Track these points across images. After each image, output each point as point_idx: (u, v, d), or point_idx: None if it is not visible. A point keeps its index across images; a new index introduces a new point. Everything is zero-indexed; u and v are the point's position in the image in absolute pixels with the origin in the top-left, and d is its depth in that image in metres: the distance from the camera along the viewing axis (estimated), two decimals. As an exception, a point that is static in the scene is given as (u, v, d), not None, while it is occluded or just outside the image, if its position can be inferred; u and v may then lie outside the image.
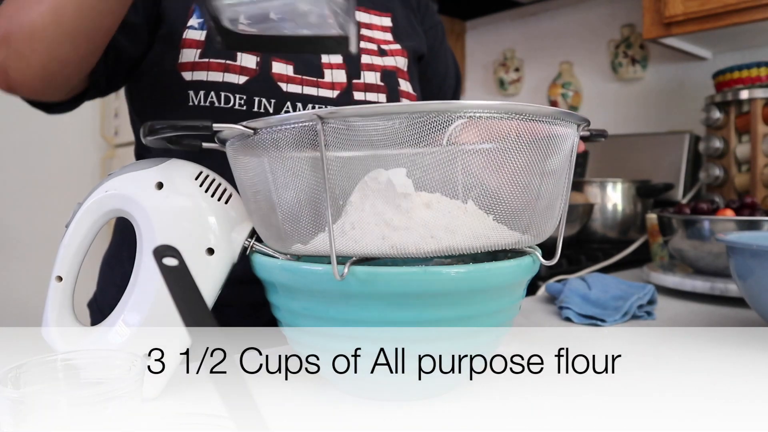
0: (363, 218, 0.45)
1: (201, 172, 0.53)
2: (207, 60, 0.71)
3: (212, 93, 0.70)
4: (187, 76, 0.70)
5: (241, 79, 0.71)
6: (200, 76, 0.70)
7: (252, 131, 0.46)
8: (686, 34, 1.29)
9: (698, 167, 1.43)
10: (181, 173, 0.52)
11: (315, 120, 0.43)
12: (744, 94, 1.23)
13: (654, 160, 1.49)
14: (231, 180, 0.54)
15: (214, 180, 0.53)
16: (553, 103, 1.83)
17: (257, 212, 0.50)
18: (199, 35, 0.71)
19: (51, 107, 0.69)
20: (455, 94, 0.99)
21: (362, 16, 0.82)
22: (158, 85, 0.70)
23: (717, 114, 1.26)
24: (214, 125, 0.47)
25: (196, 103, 0.70)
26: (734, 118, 1.25)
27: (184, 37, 0.71)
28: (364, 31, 0.81)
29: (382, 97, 0.79)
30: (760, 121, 1.22)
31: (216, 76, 0.70)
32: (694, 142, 1.45)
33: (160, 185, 0.51)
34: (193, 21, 0.72)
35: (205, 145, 0.52)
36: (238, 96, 0.71)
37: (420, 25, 0.91)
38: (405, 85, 0.83)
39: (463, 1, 1.91)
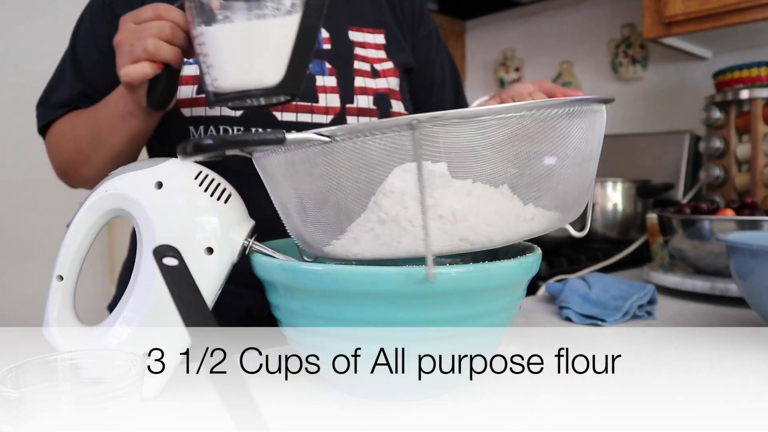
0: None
1: (200, 172, 0.53)
2: (203, 95, 0.73)
3: (211, 127, 0.74)
4: (186, 112, 0.74)
5: (238, 112, 0.74)
6: (199, 111, 0.74)
7: (328, 138, 0.44)
8: (686, 34, 1.29)
9: (698, 167, 1.43)
10: (181, 173, 0.52)
11: (410, 126, 0.42)
12: (744, 94, 1.23)
13: (654, 160, 1.49)
14: (232, 179, 0.55)
15: (213, 180, 0.53)
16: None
17: (319, 220, 0.49)
18: (194, 70, 0.73)
19: None
20: (458, 101, 0.98)
21: (356, 35, 0.82)
22: (160, 122, 0.71)
23: (717, 114, 1.26)
24: (288, 136, 0.45)
25: (197, 137, 0.72)
26: (734, 117, 1.25)
27: (181, 74, 0.72)
28: (358, 50, 0.81)
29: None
30: (760, 121, 1.22)
31: (214, 111, 0.74)
32: (694, 142, 1.45)
33: (159, 185, 0.51)
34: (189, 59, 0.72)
35: (229, 152, 0.52)
36: (236, 128, 0.74)
37: (414, 35, 0.91)
38: (397, 106, 0.83)
39: (463, 1, 1.91)
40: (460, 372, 0.52)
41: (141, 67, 0.56)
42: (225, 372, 0.31)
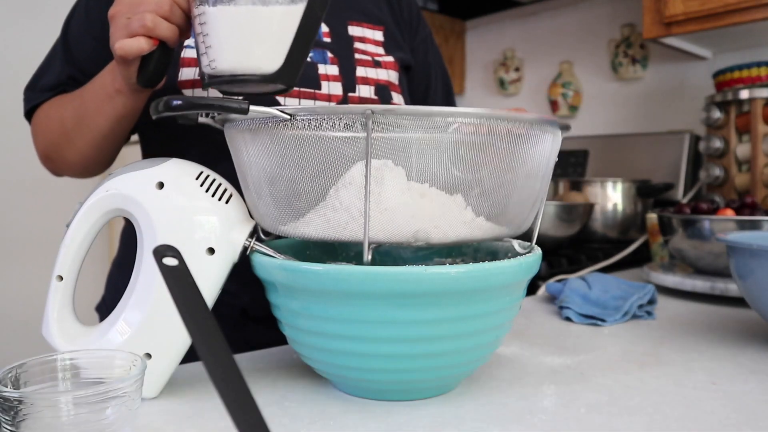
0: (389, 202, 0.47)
1: (201, 172, 0.53)
2: None
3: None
4: (188, 93, 0.72)
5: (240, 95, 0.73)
6: (201, 93, 0.72)
7: (289, 117, 0.47)
8: (686, 34, 1.29)
9: (698, 167, 1.43)
10: (182, 173, 0.52)
11: (367, 115, 0.44)
12: (744, 94, 1.23)
13: (654, 160, 1.49)
14: (223, 170, 0.55)
15: (214, 180, 0.53)
16: (554, 103, 1.83)
17: (269, 193, 0.51)
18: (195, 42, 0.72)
19: None
20: (447, 101, 0.99)
21: (355, 30, 0.83)
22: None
23: (717, 114, 1.26)
24: (251, 107, 0.47)
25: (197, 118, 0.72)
26: (734, 117, 1.25)
27: (182, 56, 0.72)
28: (358, 44, 0.81)
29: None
30: (760, 121, 1.22)
31: (216, 93, 0.72)
32: (694, 142, 1.45)
33: (161, 185, 0.51)
34: (190, 40, 0.72)
35: (201, 120, 0.53)
36: None
37: (412, 39, 0.92)
38: (397, 98, 0.84)
39: (463, 1, 1.91)
40: (460, 372, 0.52)
41: (137, 42, 0.55)
42: (225, 372, 0.31)
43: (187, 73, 0.72)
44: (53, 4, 1.66)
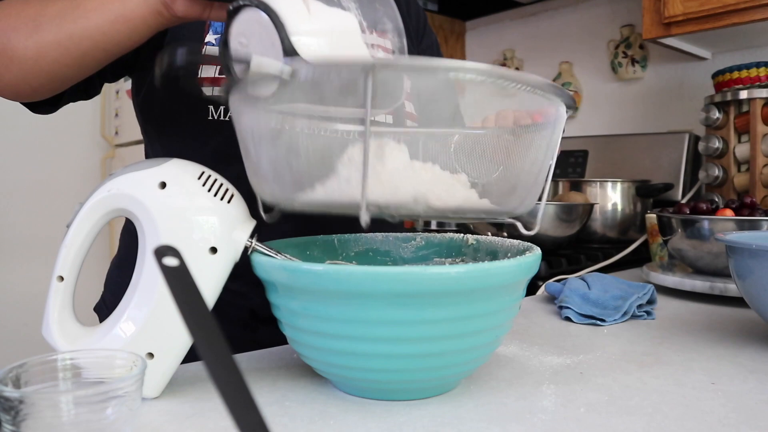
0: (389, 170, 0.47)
1: (203, 172, 0.53)
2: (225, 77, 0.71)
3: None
4: (208, 90, 0.71)
5: None
6: (219, 90, 0.71)
7: (289, 69, 0.45)
8: (686, 34, 1.29)
9: (698, 167, 1.43)
10: (184, 173, 0.52)
11: (368, 68, 0.43)
12: (743, 94, 1.23)
13: (654, 160, 1.49)
14: (226, 173, 0.55)
15: (216, 180, 0.53)
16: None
17: (272, 160, 0.51)
18: (218, 51, 0.72)
19: (34, 106, 0.68)
20: None
21: (368, 38, 0.83)
22: (176, 99, 0.70)
23: (716, 114, 1.26)
24: (254, 60, 0.46)
25: (215, 117, 0.71)
26: (734, 118, 1.25)
27: (204, 53, 0.71)
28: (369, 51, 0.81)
29: (389, 117, 0.79)
30: (759, 121, 1.22)
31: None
32: (693, 142, 1.46)
33: (163, 185, 0.51)
34: (210, 37, 0.72)
35: (206, 93, 0.52)
36: None
37: (419, 45, 0.92)
38: (409, 106, 0.84)
39: (463, 1, 1.91)
40: (460, 372, 0.52)
41: None
42: (225, 372, 0.31)
43: (207, 71, 0.71)
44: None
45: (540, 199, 0.54)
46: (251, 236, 0.53)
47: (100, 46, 0.58)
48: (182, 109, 0.73)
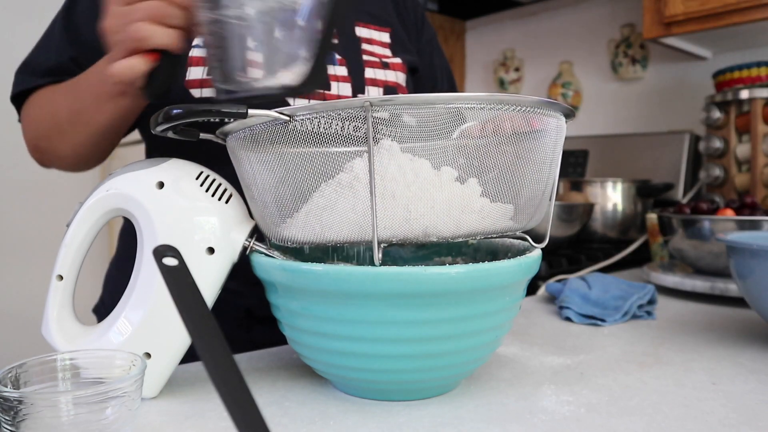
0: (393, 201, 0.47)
1: (202, 172, 0.53)
2: None
3: None
4: (196, 93, 0.70)
5: None
6: (209, 92, 0.71)
7: (288, 117, 0.46)
8: (686, 34, 1.29)
9: (698, 167, 1.43)
10: (182, 173, 0.52)
11: (366, 108, 0.43)
12: (744, 94, 1.23)
13: (654, 160, 1.49)
14: (225, 173, 0.55)
15: (214, 180, 0.53)
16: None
17: (277, 206, 0.50)
18: (205, 53, 0.71)
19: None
20: None
21: (362, 31, 0.83)
22: (167, 102, 0.70)
23: (717, 114, 1.26)
24: (250, 111, 0.45)
25: (205, 119, 0.70)
26: (734, 117, 1.25)
27: (190, 55, 0.70)
28: (365, 46, 0.81)
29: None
30: (760, 121, 1.22)
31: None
32: (694, 142, 1.46)
33: (161, 185, 0.51)
34: (198, 39, 0.71)
35: (202, 135, 0.52)
36: None
37: (418, 40, 0.92)
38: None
39: (463, 1, 1.91)
40: (460, 372, 0.52)
41: (130, 63, 0.48)
42: (225, 372, 0.31)
43: (195, 73, 0.70)
44: (55, 5, 1.66)
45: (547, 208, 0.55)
46: (250, 236, 0.53)
47: (116, 126, 0.66)
48: None
